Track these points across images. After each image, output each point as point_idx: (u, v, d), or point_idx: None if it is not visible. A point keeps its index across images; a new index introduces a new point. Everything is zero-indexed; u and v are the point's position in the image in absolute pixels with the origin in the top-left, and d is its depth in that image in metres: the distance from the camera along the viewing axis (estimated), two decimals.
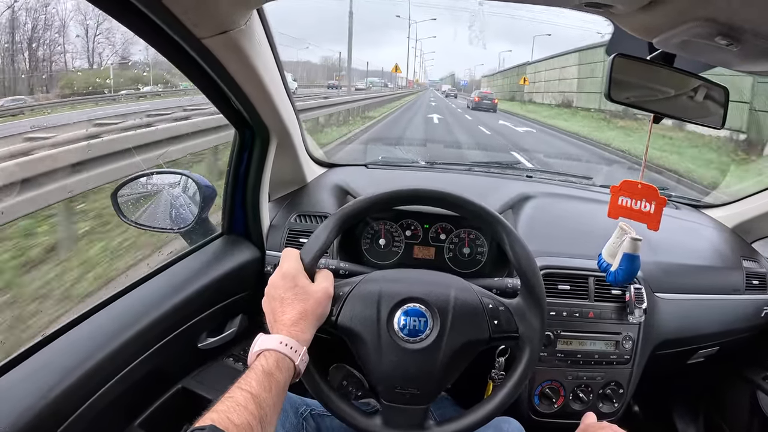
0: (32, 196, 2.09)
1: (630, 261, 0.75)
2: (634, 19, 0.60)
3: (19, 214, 2.12)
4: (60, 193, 2.25)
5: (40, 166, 2.17)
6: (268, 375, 0.54)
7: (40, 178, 2.14)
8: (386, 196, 0.72)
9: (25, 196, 2.07)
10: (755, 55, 0.59)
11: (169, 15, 0.58)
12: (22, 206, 2.09)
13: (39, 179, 2.14)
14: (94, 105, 4.29)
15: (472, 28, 33.21)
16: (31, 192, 2.09)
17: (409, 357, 0.65)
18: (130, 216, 0.99)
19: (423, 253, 1.08)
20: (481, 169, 1.46)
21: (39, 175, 2.14)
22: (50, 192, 2.19)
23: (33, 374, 0.63)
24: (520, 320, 0.68)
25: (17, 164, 2.15)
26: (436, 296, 0.68)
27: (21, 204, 2.08)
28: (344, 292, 0.68)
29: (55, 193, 2.23)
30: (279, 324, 0.60)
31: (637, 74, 0.70)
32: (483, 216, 0.71)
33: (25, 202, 2.09)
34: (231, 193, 1.01)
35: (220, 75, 0.74)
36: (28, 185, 2.09)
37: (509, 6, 13.44)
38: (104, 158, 2.56)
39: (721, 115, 0.74)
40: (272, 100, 0.87)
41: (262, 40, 0.76)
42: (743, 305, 1.12)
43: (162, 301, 0.81)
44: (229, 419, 0.47)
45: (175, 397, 0.89)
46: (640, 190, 0.72)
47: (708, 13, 0.51)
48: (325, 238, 0.68)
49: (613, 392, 0.96)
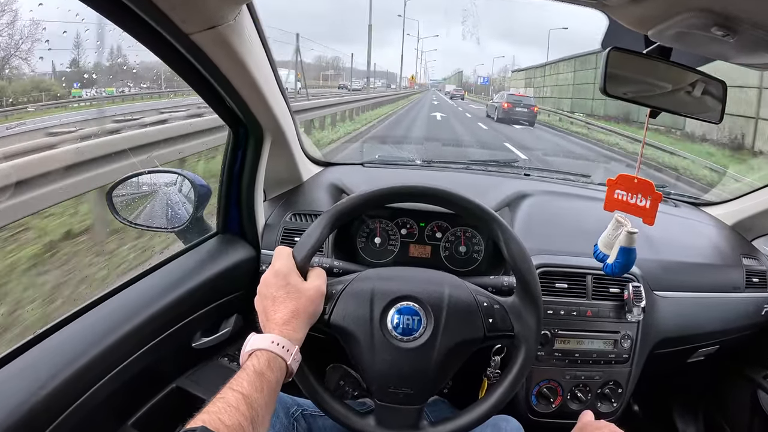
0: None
1: (626, 254, 0.74)
2: (627, 11, 0.59)
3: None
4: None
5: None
6: (260, 375, 0.53)
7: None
8: (380, 193, 0.71)
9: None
10: (753, 46, 0.58)
11: (157, 11, 0.58)
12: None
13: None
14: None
15: (466, 23, 32.82)
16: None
17: (403, 356, 0.65)
18: (125, 215, 0.98)
19: (419, 252, 1.07)
20: (478, 167, 1.45)
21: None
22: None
23: (24, 371, 0.62)
24: (516, 319, 0.67)
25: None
26: (429, 294, 0.67)
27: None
28: (337, 291, 0.67)
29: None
30: (271, 323, 0.59)
31: (633, 68, 0.69)
32: (478, 213, 0.71)
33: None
34: (226, 191, 1.00)
35: (211, 72, 0.73)
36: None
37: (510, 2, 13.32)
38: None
39: (720, 110, 0.73)
40: (264, 98, 0.86)
41: (252, 35, 0.75)
42: (743, 303, 1.11)
43: (156, 299, 0.80)
44: (221, 420, 0.46)
45: (169, 397, 0.88)
46: (636, 184, 0.71)
47: (703, 2, 0.50)
48: (317, 235, 0.67)
49: (611, 392, 0.95)
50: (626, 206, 0.72)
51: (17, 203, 2.01)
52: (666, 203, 1.29)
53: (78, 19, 0.81)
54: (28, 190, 2.05)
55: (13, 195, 1.97)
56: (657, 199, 0.70)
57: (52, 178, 2.20)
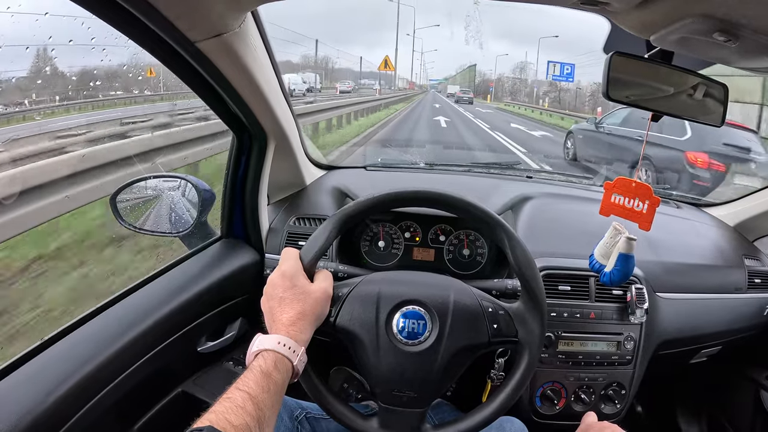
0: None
1: (625, 261, 0.74)
2: (630, 16, 0.59)
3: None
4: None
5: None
6: (267, 375, 0.53)
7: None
8: (386, 198, 0.71)
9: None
10: (755, 51, 0.58)
11: (164, 20, 0.58)
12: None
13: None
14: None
15: (469, 28, 28.74)
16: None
17: (408, 359, 0.65)
18: (130, 220, 0.99)
19: (422, 255, 1.07)
20: (481, 170, 1.46)
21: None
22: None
23: (32, 378, 0.63)
24: (520, 325, 0.68)
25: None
26: (435, 299, 0.67)
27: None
28: (343, 293, 0.67)
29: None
30: (277, 324, 0.60)
31: (635, 72, 0.70)
32: (484, 218, 0.71)
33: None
34: (230, 196, 1.01)
35: (216, 78, 0.74)
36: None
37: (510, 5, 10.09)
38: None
39: (721, 113, 0.73)
40: (269, 103, 0.86)
41: (257, 42, 0.76)
42: (746, 304, 1.11)
43: (161, 304, 0.81)
44: (228, 420, 0.46)
45: (175, 401, 0.89)
46: (634, 188, 0.71)
47: (705, 9, 0.51)
48: (324, 239, 0.68)
49: (615, 393, 0.95)
50: (623, 211, 0.72)
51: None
52: (668, 204, 1.30)
53: (84, 28, 0.81)
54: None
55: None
56: (654, 203, 0.70)
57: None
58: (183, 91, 5.34)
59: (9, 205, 1.87)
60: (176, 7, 0.57)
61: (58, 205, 2.14)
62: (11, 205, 1.88)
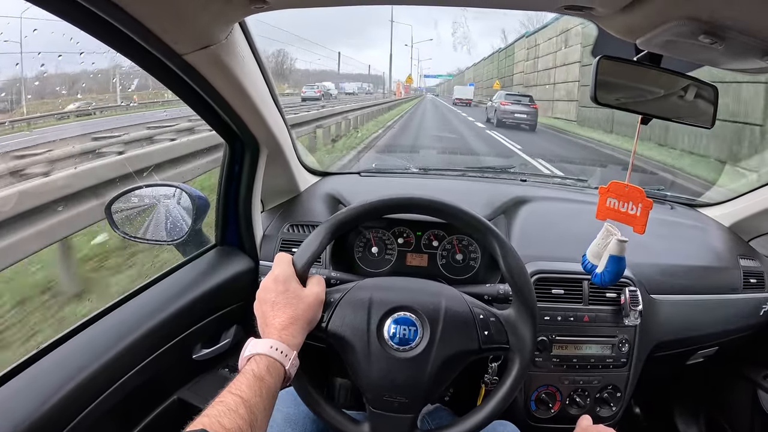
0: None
1: (616, 262, 0.74)
2: (615, 20, 0.59)
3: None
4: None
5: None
6: (259, 379, 0.54)
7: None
8: (378, 204, 0.72)
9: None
10: (741, 52, 0.58)
11: (150, 34, 0.59)
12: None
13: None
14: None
15: (456, 34, 26.59)
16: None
17: (398, 365, 0.65)
18: (125, 229, 0.99)
19: (416, 261, 1.07)
20: (474, 174, 1.45)
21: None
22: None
23: (29, 386, 0.63)
24: (511, 332, 0.68)
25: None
26: (426, 305, 0.67)
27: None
28: (335, 299, 0.68)
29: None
30: (270, 328, 0.60)
31: (624, 76, 0.70)
32: (475, 225, 0.71)
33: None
34: (223, 204, 1.01)
35: (205, 89, 0.74)
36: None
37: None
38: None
39: (711, 114, 0.73)
40: (259, 112, 0.87)
41: (245, 52, 0.76)
42: (742, 304, 1.11)
43: (156, 312, 0.81)
44: (220, 423, 0.47)
45: (171, 408, 0.89)
46: (626, 191, 0.71)
47: (689, 11, 0.51)
48: (317, 244, 0.68)
49: (610, 396, 0.95)
50: (617, 214, 0.73)
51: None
52: (662, 205, 1.29)
53: (72, 43, 0.82)
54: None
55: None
56: (647, 207, 0.70)
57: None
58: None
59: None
60: (162, 22, 0.58)
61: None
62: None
